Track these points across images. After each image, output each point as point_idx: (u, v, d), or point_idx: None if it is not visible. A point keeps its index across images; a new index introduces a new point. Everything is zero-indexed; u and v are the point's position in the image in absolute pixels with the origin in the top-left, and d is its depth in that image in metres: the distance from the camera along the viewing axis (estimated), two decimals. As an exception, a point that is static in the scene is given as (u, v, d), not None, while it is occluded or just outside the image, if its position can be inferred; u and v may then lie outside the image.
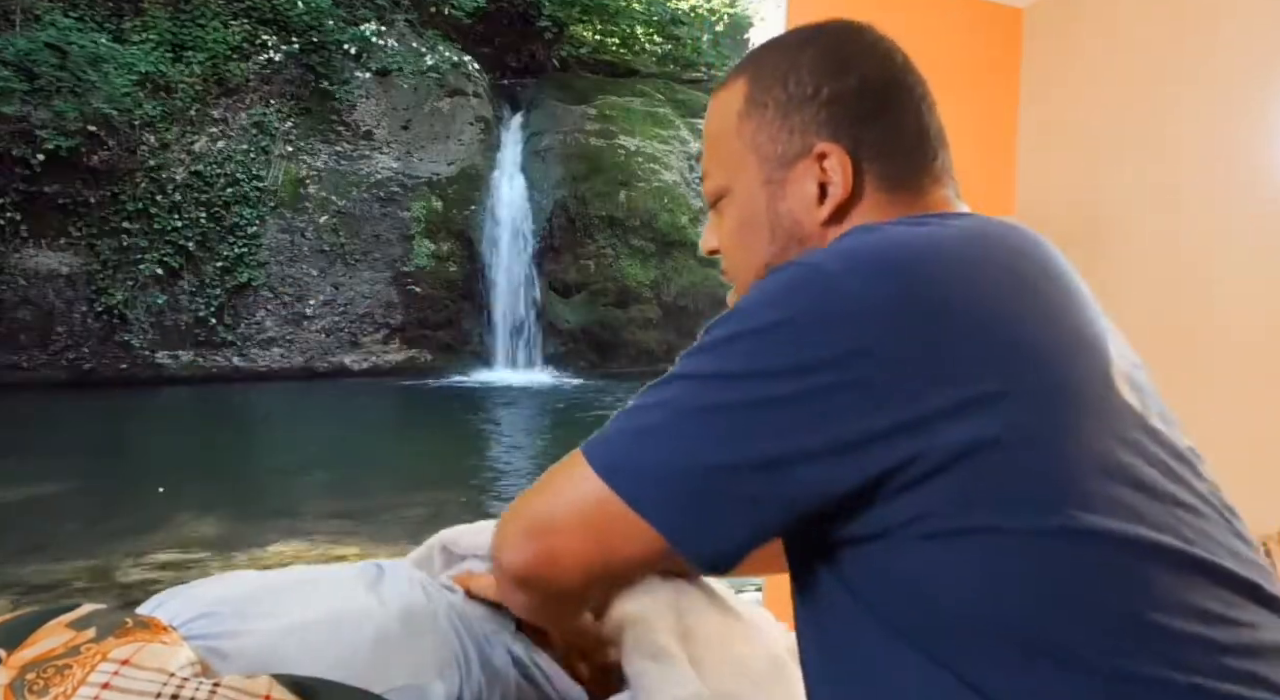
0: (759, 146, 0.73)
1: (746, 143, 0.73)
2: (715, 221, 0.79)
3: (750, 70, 0.75)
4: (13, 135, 9.35)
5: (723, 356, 0.60)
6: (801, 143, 0.71)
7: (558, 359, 12.31)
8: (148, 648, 0.65)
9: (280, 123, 11.28)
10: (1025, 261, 0.63)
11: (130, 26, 10.66)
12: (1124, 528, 0.53)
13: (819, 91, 0.71)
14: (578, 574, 0.65)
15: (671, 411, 0.61)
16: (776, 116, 0.72)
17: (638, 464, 0.61)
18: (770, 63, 0.74)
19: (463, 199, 12.29)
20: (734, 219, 0.75)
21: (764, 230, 0.73)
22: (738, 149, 0.74)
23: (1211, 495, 0.61)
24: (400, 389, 11.11)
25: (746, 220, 0.74)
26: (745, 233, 0.74)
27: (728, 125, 0.75)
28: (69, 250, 10.09)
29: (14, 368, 9.82)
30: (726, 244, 0.77)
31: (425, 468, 6.88)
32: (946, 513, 0.54)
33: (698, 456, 0.58)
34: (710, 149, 0.77)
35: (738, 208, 0.75)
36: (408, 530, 4.70)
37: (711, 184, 0.77)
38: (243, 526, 4.82)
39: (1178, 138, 2.00)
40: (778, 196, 0.72)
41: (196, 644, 0.72)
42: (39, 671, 0.62)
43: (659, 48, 15.92)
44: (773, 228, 0.73)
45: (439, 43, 12.35)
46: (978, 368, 0.55)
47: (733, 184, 0.75)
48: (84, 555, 4.26)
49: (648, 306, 12.46)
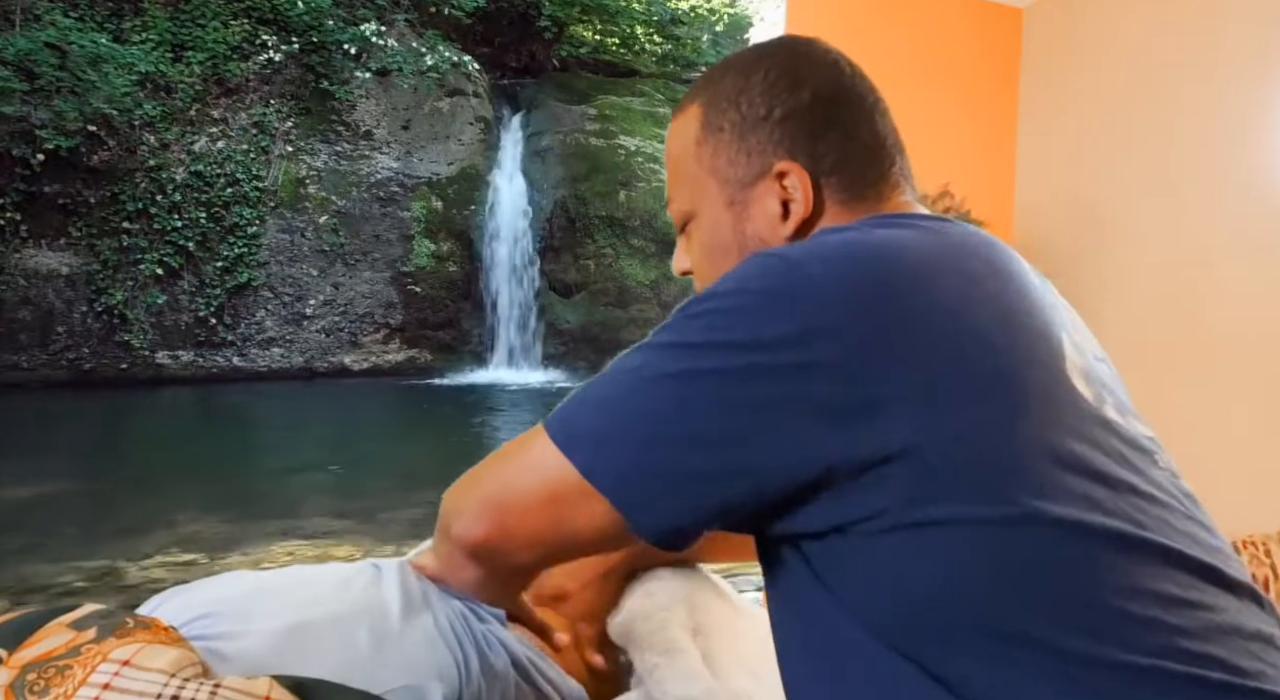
0: (718, 170, 0.75)
1: (705, 167, 0.75)
2: (685, 243, 0.80)
3: (704, 95, 0.76)
4: (13, 135, 9.35)
5: (686, 330, 0.61)
6: (760, 163, 0.73)
7: (558, 359, 12.31)
8: (148, 648, 0.65)
9: (280, 123, 11.28)
10: (977, 261, 0.64)
11: (130, 26, 10.66)
12: (1079, 515, 0.54)
13: (772, 111, 0.73)
14: (532, 548, 0.65)
15: (631, 380, 0.61)
16: (733, 139, 0.74)
17: (593, 433, 0.61)
18: (722, 86, 0.75)
19: (463, 199, 12.29)
20: (702, 242, 0.77)
21: (732, 251, 0.74)
22: (698, 173, 0.75)
23: (1169, 482, 0.61)
24: (400, 389, 11.11)
25: (715, 243, 0.76)
26: (715, 255, 0.76)
27: (686, 151, 0.76)
28: (69, 250, 10.09)
29: (14, 368, 9.81)
30: (698, 265, 0.78)
31: (425, 468, 6.88)
32: (901, 506, 0.54)
33: (653, 427, 0.58)
34: (673, 174, 0.78)
35: (704, 231, 0.76)
36: (408, 530, 4.70)
37: (677, 208, 0.79)
38: (243, 526, 4.82)
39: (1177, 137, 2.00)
40: (742, 218, 0.74)
41: (197, 645, 0.72)
42: (39, 672, 0.62)
43: (659, 48, 15.92)
44: (740, 248, 0.74)
45: (439, 43, 12.34)
46: (927, 355, 0.56)
47: (697, 208, 0.76)
48: (84, 555, 4.25)
49: (648, 306, 12.46)
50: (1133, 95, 2.10)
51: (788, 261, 0.60)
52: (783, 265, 0.60)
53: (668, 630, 0.94)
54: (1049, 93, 2.31)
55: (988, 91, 2.33)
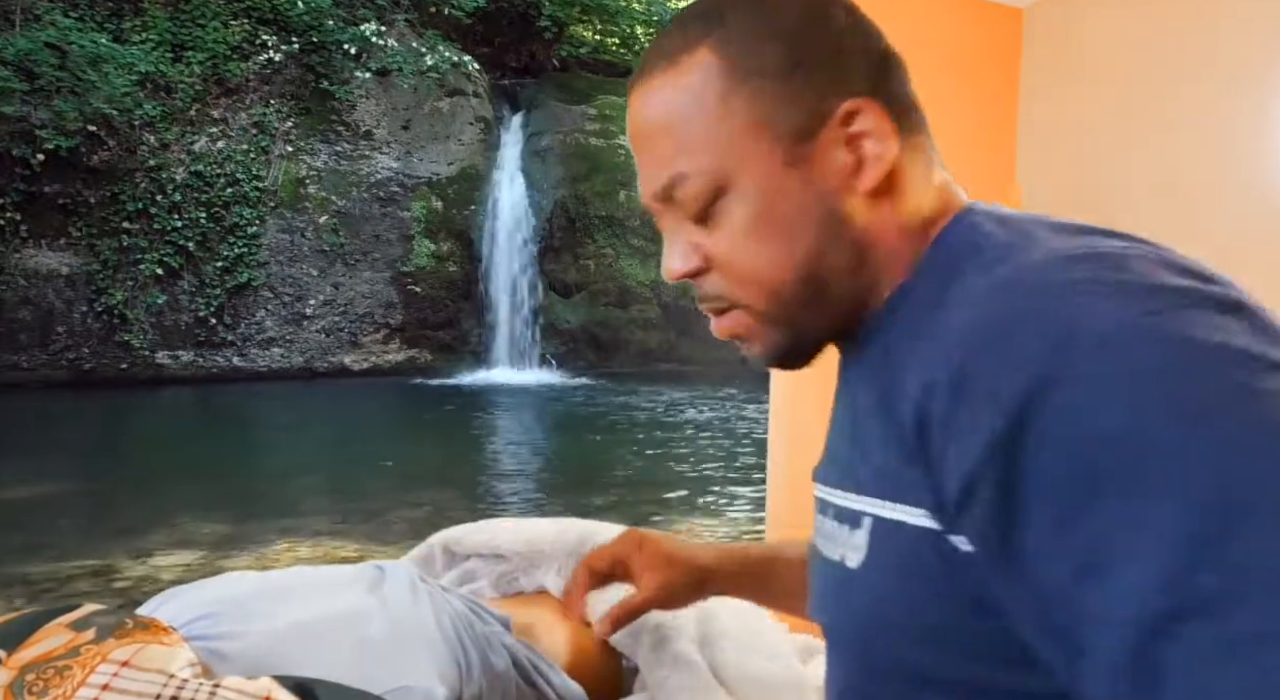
0: (766, 123, 0.58)
1: (743, 123, 0.58)
2: (687, 229, 0.62)
3: (713, 36, 0.59)
4: (13, 135, 9.35)
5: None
6: (818, 106, 0.58)
7: (558, 359, 12.31)
8: (148, 649, 0.65)
9: (280, 123, 11.29)
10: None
11: (130, 26, 10.66)
12: None
13: (816, 37, 0.59)
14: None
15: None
16: (776, 83, 0.58)
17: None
18: (736, 20, 0.59)
19: (463, 199, 12.29)
20: (747, 214, 0.59)
21: (800, 219, 0.58)
22: (730, 133, 0.58)
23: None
24: (400, 389, 11.11)
25: (772, 218, 0.58)
26: (771, 231, 0.59)
27: (704, 108, 0.59)
28: (69, 250, 10.09)
29: (14, 368, 9.82)
30: (732, 249, 0.60)
31: (425, 468, 6.88)
32: None
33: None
34: (673, 144, 0.60)
35: (751, 205, 0.59)
36: (408, 530, 4.70)
37: (694, 185, 0.59)
38: (243, 526, 4.82)
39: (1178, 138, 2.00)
40: (809, 179, 0.58)
41: (197, 645, 0.72)
42: (39, 672, 0.62)
43: (659, 48, 15.90)
44: (812, 214, 0.58)
45: (439, 43, 12.34)
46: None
47: (732, 178, 0.59)
48: (84, 555, 4.26)
49: (648, 306, 12.46)
50: (1133, 96, 2.10)
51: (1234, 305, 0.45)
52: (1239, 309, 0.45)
53: (677, 642, 0.94)
54: (1049, 93, 2.31)
55: (988, 91, 2.33)
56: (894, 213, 0.60)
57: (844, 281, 0.60)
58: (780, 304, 0.60)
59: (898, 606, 0.53)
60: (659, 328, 12.52)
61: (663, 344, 12.52)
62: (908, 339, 0.54)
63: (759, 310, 0.61)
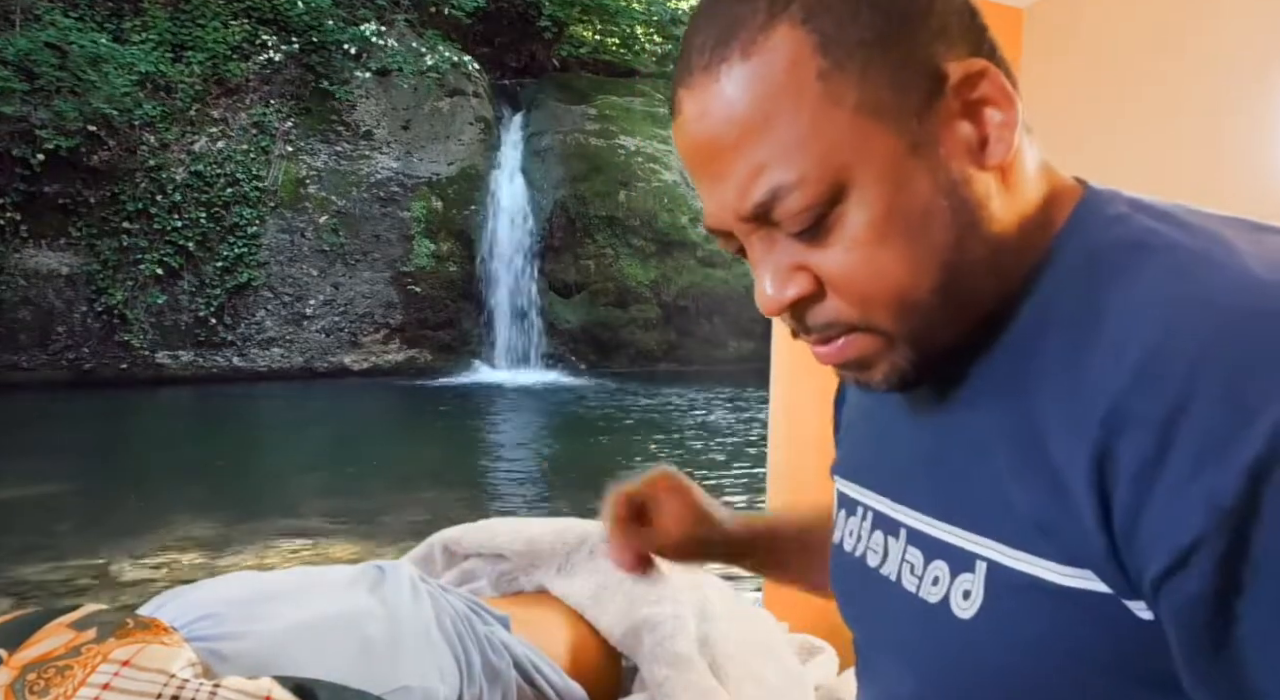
0: (883, 104, 0.48)
1: (857, 107, 0.48)
2: (791, 249, 0.51)
3: (796, 8, 0.48)
4: (13, 135, 9.35)
5: None
6: (925, 76, 0.48)
7: (558, 359, 12.31)
8: (148, 649, 0.65)
9: (280, 123, 11.29)
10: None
11: (130, 26, 10.66)
12: None
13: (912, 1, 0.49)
14: None
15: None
16: (882, 51, 0.48)
17: None
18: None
19: (463, 199, 12.29)
20: (870, 219, 0.48)
21: (937, 217, 0.48)
22: (843, 123, 0.48)
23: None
24: (400, 389, 11.11)
25: (903, 216, 0.48)
26: (903, 229, 0.48)
27: (803, 98, 0.48)
28: (69, 250, 10.09)
29: (14, 368, 9.82)
30: (850, 268, 0.49)
31: (425, 468, 6.88)
32: None
33: None
34: (773, 148, 0.48)
35: (877, 201, 0.48)
36: (408, 530, 4.70)
37: (803, 195, 0.48)
38: (243, 526, 4.82)
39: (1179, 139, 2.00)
40: (935, 163, 0.48)
41: (199, 645, 0.72)
42: (40, 672, 0.62)
43: (659, 48, 15.91)
44: (947, 208, 0.49)
45: (439, 43, 12.35)
46: None
47: (852, 174, 0.48)
48: (84, 555, 4.26)
49: (648, 306, 12.46)
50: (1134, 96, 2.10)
51: None
52: None
53: (676, 641, 0.94)
54: (1049, 93, 2.31)
55: (988, 91, 2.33)
56: (1013, 196, 0.51)
57: (984, 282, 0.50)
58: (918, 318, 0.50)
59: (1032, 673, 0.46)
60: (659, 328, 12.52)
61: (663, 344, 12.51)
62: (1056, 353, 0.46)
63: (889, 330, 0.51)
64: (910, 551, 0.55)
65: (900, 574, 0.56)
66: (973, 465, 0.50)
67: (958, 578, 0.50)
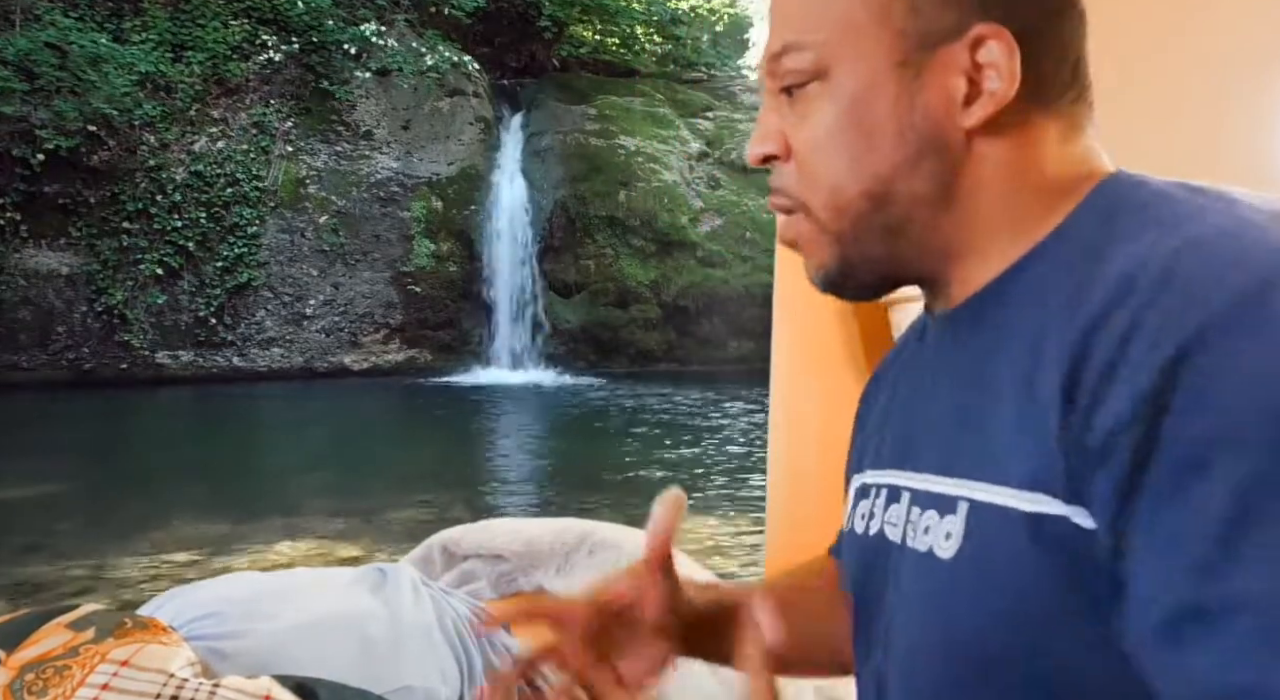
0: (894, 14, 0.52)
1: (876, 7, 0.52)
2: (783, 111, 0.57)
3: None
4: (13, 135, 9.35)
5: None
6: (955, 19, 0.52)
7: (558, 359, 12.32)
8: (147, 648, 0.65)
9: (280, 123, 11.29)
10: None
11: (130, 26, 10.66)
12: None
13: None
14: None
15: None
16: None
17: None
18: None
19: (463, 199, 12.30)
20: (834, 109, 0.54)
21: (888, 129, 0.53)
22: (855, 13, 0.53)
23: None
24: (400, 389, 11.12)
25: (857, 117, 0.53)
26: (855, 130, 0.53)
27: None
28: (69, 250, 10.10)
29: (14, 368, 9.82)
30: (811, 143, 0.55)
31: (425, 468, 6.88)
32: None
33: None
34: (804, 10, 0.55)
35: (845, 94, 0.53)
36: (408, 530, 4.70)
37: (799, 58, 0.54)
38: (243, 526, 4.82)
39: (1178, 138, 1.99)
40: (911, 89, 0.52)
41: (199, 644, 0.72)
42: (38, 672, 0.62)
43: (659, 48, 15.93)
44: (902, 127, 0.53)
45: (439, 43, 12.35)
46: None
47: (837, 60, 0.53)
48: (84, 555, 4.26)
49: (648, 306, 12.46)
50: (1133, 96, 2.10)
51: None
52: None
53: None
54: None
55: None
56: (1017, 163, 0.53)
57: (920, 214, 0.54)
58: (841, 217, 0.55)
59: (1003, 611, 0.47)
60: (659, 328, 12.52)
61: (662, 344, 12.52)
62: (1056, 297, 0.47)
63: (820, 218, 0.56)
64: (913, 511, 0.56)
65: (905, 536, 0.56)
66: (974, 416, 0.52)
67: (943, 520, 0.51)
